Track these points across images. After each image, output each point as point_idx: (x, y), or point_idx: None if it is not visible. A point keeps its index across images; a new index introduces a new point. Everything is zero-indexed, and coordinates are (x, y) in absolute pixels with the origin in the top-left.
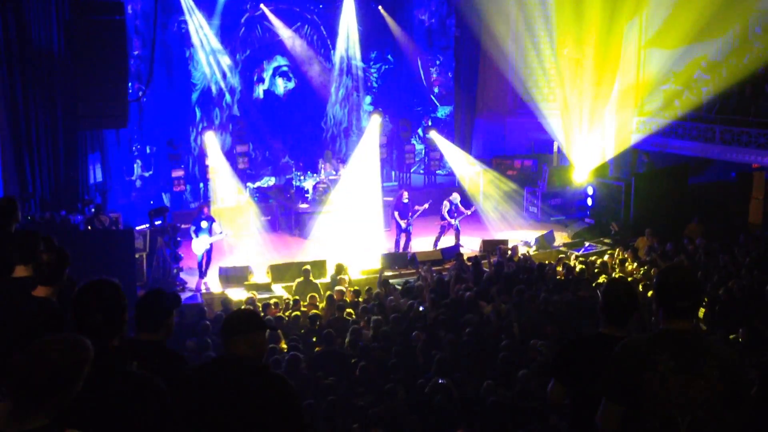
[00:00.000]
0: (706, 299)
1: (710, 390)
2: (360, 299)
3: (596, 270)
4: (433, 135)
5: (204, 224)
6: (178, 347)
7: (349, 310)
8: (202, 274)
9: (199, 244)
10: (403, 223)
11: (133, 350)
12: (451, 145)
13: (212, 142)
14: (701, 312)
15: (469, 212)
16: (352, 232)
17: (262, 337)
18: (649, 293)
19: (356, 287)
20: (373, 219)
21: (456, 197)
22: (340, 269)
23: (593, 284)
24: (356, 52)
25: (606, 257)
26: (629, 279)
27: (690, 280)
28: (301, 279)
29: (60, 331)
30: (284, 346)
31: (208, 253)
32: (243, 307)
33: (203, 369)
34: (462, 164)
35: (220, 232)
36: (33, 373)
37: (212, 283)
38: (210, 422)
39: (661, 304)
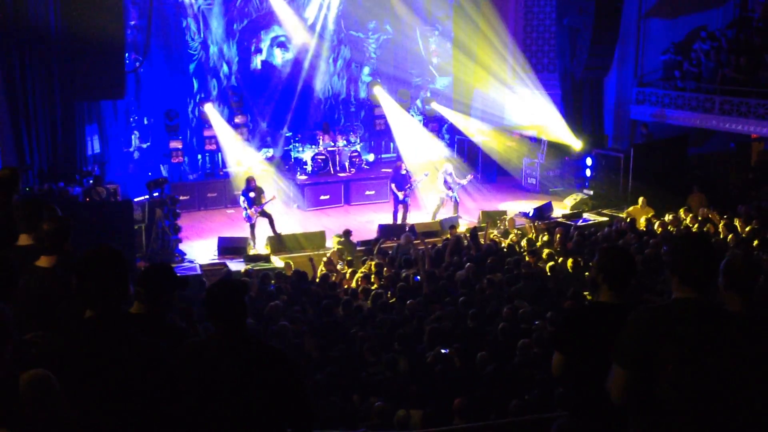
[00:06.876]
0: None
1: (733, 357)
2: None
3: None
4: (435, 106)
5: (252, 194)
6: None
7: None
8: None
9: (252, 213)
10: (400, 195)
11: (131, 322)
12: (453, 113)
13: (213, 113)
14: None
15: (465, 182)
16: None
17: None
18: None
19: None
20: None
21: (448, 167)
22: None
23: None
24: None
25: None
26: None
27: (706, 248)
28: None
29: (62, 300)
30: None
31: (267, 216)
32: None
33: (202, 344)
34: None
35: (271, 198)
36: None
37: (211, 253)
38: (206, 396)
39: (676, 273)
